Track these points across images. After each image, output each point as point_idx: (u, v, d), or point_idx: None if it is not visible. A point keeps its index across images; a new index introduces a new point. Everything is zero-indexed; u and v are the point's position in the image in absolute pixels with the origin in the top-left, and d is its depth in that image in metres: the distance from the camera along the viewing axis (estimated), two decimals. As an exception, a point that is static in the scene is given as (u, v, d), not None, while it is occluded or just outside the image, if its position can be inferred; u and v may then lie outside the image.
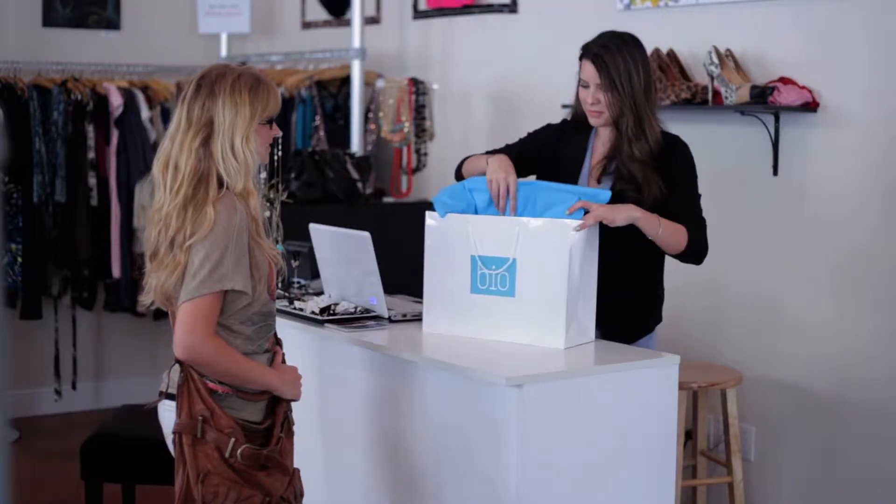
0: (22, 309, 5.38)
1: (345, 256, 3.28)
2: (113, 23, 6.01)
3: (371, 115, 5.41)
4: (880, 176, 3.80)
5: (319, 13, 6.07)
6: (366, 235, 3.14)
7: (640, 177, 3.06)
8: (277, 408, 2.61)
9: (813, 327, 3.99)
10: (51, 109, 5.39)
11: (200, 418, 2.48)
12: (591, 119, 3.15)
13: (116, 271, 5.59)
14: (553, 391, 2.72)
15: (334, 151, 5.08)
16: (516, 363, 2.78)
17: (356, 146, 5.31)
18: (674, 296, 3.31)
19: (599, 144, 3.21)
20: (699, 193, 3.17)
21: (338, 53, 5.50)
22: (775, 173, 4.05)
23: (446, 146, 5.38)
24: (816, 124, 3.94)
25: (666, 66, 4.25)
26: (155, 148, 5.48)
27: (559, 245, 2.90)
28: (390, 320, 3.21)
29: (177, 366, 2.55)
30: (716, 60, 4.04)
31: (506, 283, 2.98)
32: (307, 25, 6.15)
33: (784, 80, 3.95)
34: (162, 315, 5.62)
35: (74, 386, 5.76)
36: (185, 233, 2.48)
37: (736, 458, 3.88)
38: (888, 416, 3.81)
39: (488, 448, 2.73)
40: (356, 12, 5.30)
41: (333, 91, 5.65)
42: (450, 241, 3.05)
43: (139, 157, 5.59)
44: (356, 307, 3.25)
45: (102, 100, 5.58)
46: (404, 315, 3.24)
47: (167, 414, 2.59)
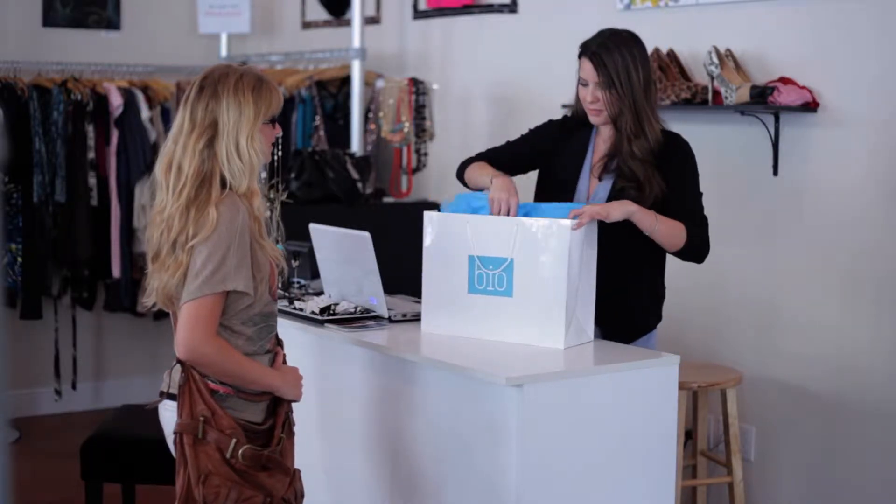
0: (22, 309, 5.38)
1: (345, 256, 3.28)
2: (113, 23, 6.01)
3: (371, 115, 5.41)
4: (881, 176, 3.80)
5: (319, 13, 6.07)
6: (366, 235, 3.14)
7: (641, 175, 3.05)
8: (278, 408, 2.61)
9: (813, 327, 3.99)
10: (51, 109, 5.39)
11: (202, 419, 2.48)
12: (591, 117, 3.15)
13: (116, 271, 5.59)
14: (553, 391, 2.72)
15: (334, 151, 5.08)
16: (516, 363, 2.78)
17: (356, 146, 5.30)
18: (674, 296, 3.31)
19: (601, 142, 3.20)
20: (701, 192, 3.16)
21: (338, 53, 5.50)
22: (775, 173, 4.05)
23: (446, 146, 5.38)
24: (816, 124, 3.94)
25: (666, 66, 4.25)
26: (155, 148, 5.49)
27: (558, 245, 2.89)
28: (390, 320, 3.21)
29: (178, 366, 2.55)
30: (716, 60, 4.04)
31: (503, 284, 2.98)
32: (307, 25, 6.15)
33: (784, 80, 3.95)
34: (162, 315, 5.62)
35: (74, 386, 5.76)
36: (188, 234, 2.48)
37: (736, 458, 3.88)
38: (888, 416, 3.81)
39: (488, 448, 2.73)
40: (356, 12, 5.30)
41: (333, 91, 5.65)
42: (448, 241, 3.05)
43: (139, 157, 5.59)
44: (356, 307, 3.25)
45: (102, 100, 5.58)
46: (404, 315, 3.24)
47: (168, 414, 2.59)
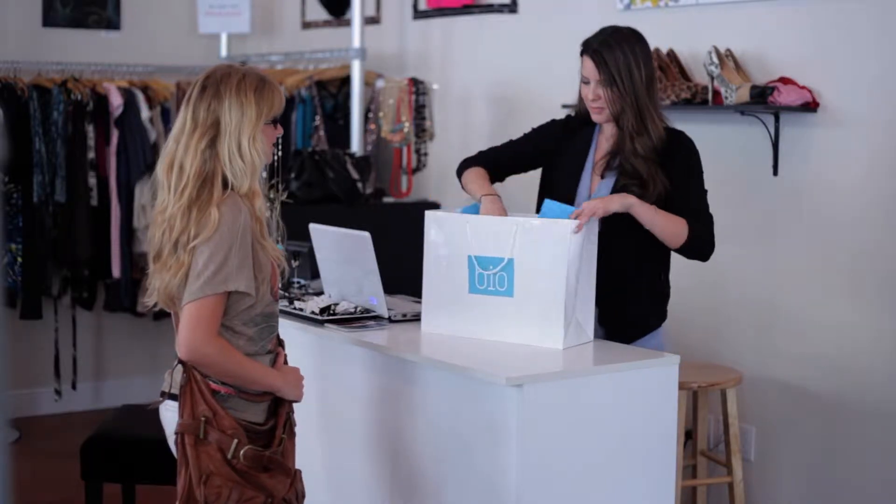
0: (22, 309, 5.38)
1: (345, 256, 3.28)
2: (113, 23, 6.01)
3: (371, 115, 5.41)
4: (881, 176, 3.80)
5: (319, 13, 6.07)
6: (366, 235, 3.13)
7: (644, 172, 3.03)
8: (280, 409, 2.61)
9: (813, 327, 3.99)
10: (51, 109, 5.39)
11: (203, 419, 2.48)
12: (593, 115, 3.13)
13: (116, 271, 5.59)
14: (553, 391, 2.72)
15: (334, 151, 5.08)
16: (516, 363, 2.78)
17: (356, 146, 5.30)
18: (674, 296, 3.30)
19: (603, 140, 3.19)
20: (705, 189, 3.14)
21: (338, 53, 5.50)
22: (775, 173, 4.05)
23: (446, 146, 5.38)
24: (816, 124, 3.94)
25: (666, 66, 4.25)
26: (155, 148, 5.49)
27: (557, 245, 2.89)
28: (390, 320, 3.21)
29: (179, 366, 2.54)
30: (716, 60, 4.04)
31: (504, 284, 2.97)
32: (307, 25, 6.15)
33: (784, 80, 3.95)
34: (162, 315, 5.62)
35: (74, 386, 5.76)
36: (189, 234, 2.48)
37: (736, 458, 3.88)
38: (888, 416, 3.81)
39: (488, 448, 2.73)
40: (356, 12, 5.30)
41: (333, 91, 5.65)
42: (448, 241, 3.05)
43: (139, 157, 5.59)
44: (356, 307, 3.25)
45: (102, 100, 5.58)
46: (404, 315, 3.24)
47: (169, 414, 2.59)
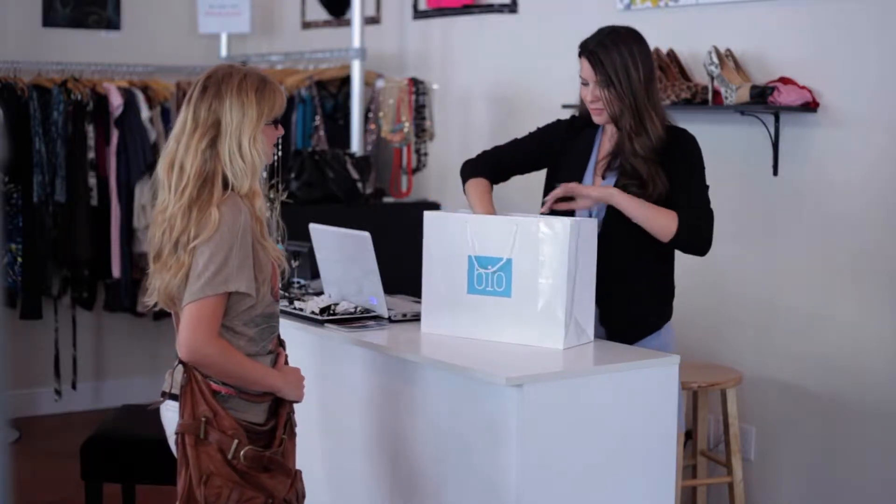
0: (22, 309, 5.38)
1: (345, 256, 3.27)
2: (113, 23, 6.01)
3: (371, 115, 5.41)
4: (881, 175, 3.80)
5: (319, 13, 6.07)
6: (366, 235, 3.13)
7: (644, 172, 3.02)
8: (280, 409, 2.61)
9: (813, 327, 3.99)
10: (51, 109, 5.39)
11: (203, 419, 2.48)
12: (594, 117, 3.13)
13: (116, 271, 5.59)
14: (553, 391, 2.72)
15: (334, 151, 5.08)
16: (516, 363, 2.78)
17: (356, 146, 5.30)
18: (675, 296, 3.30)
19: (606, 141, 3.18)
20: (706, 185, 3.11)
21: (338, 53, 5.50)
22: (775, 173, 4.05)
23: (446, 146, 5.38)
24: (816, 124, 3.94)
25: (666, 66, 4.25)
26: (155, 148, 5.49)
27: (557, 245, 2.88)
28: (390, 320, 3.21)
29: (180, 366, 2.54)
30: (716, 60, 4.04)
31: (502, 284, 2.96)
32: (307, 25, 6.15)
33: (784, 80, 3.95)
34: (162, 315, 5.62)
35: (74, 386, 5.76)
36: (190, 234, 2.48)
37: (736, 458, 3.88)
38: (888, 416, 3.81)
39: (488, 448, 2.73)
40: (356, 12, 5.30)
41: (333, 91, 5.65)
42: (447, 241, 3.04)
43: (139, 157, 5.59)
44: (356, 307, 3.25)
45: (102, 100, 5.58)
46: (404, 315, 3.24)
47: (170, 414, 2.59)
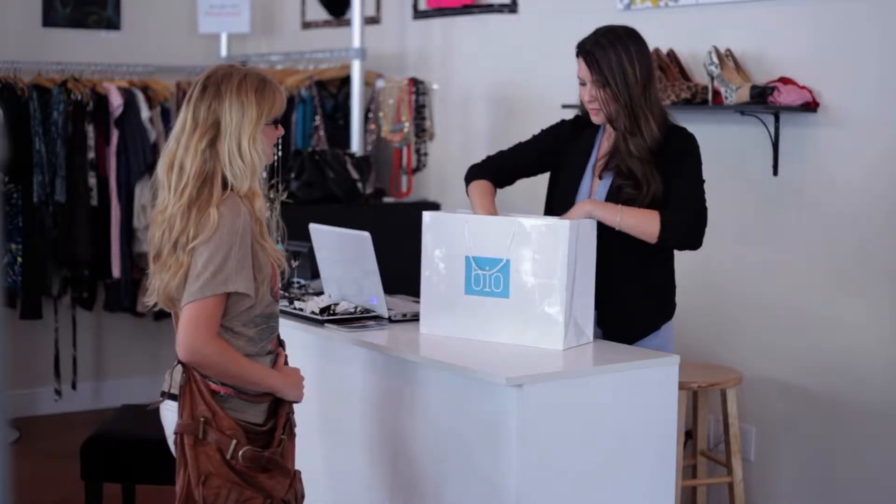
0: (22, 309, 5.38)
1: (345, 256, 3.27)
2: (113, 23, 6.00)
3: (371, 115, 5.41)
4: (881, 175, 3.80)
5: (319, 13, 6.07)
6: (366, 235, 3.13)
7: (639, 173, 3.01)
8: (280, 409, 2.61)
9: (813, 327, 3.99)
10: (51, 109, 5.39)
11: (202, 419, 2.48)
12: (592, 117, 3.12)
13: (116, 271, 5.59)
14: (553, 391, 2.72)
15: (334, 151, 5.08)
16: (516, 363, 2.78)
17: (356, 146, 5.30)
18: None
19: (605, 141, 3.18)
20: (701, 182, 3.08)
21: (338, 53, 5.50)
22: (775, 173, 4.05)
23: (446, 146, 5.38)
24: (816, 124, 3.94)
25: (666, 66, 4.25)
26: (155, 148, 5.49)
27: (556, 246, 2.88)
28: (390, 320, 3.21)
29: (179, 366, 2.54)
30: (716, 60, 4.04)
31: (500, 285, 2.96)
32: (307, 25, 6.15)
33: (784, 80, 3.95)
34: (162, 315, 5.62)
35: (74, 386, 5.76)
36: (189, 235, 2.48)
37: (736, 458, 3.88)
38: (888, 417, 3.81)
39: (488, 448, 2.73)
40: (356, 12, 5.30)
41: (333, 91, 5.65)
42: (446, 241, 3.04)
43: (139, 157, 5.59)
44: (356, 307, 3.25)
45: (102, 100, 5.58)
46: (404, 315, 3.24)
47: (169, 414, 2.58)
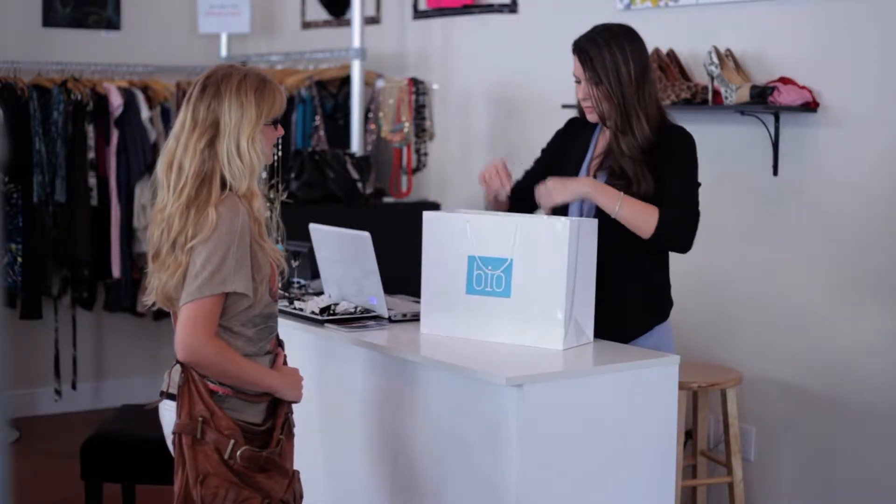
0: (22, 309, 5.38)
1: (345, 256, 3.27)
2: (113, 23, 6.01)
3: (371, 115, 5.41)
4: (881, 175, 3.80)
5: (319, 13, 6.07)
6: (366, 235, 3.13)
7: (631, 172, 2.99)
8: (278, 410, 2.60)
9: (813, 327, 3.99)
10: (51, 109, 5.39)
11: (200, 419, 2.48)
12: (587, 115, 3.11)
13: (116, 271, 5.59)
14: (553, 391, 2.71)
15: (334, 151, 5.08)
16: (516, 363, 2.78)
17: (356, 146, 5.30)
18: (674, 296, 3.30)
19: (601, 139, 3.17)
20: (697, 182, 3.06)
21: (338, 53, 5.50)
22: (775, 173, 4.05)
23: (446, 146, 5.38)
24: (816, 124, 3.94)
25: (666, 66, 4.25)
26: (155, 148, 5.49)
27: (557, 245, 2.87)
28: (390, 320, 3.21)
29: (177, 366, 2.54)
30: (716, 60, 4.04)
31: (501, 284, 2.95)
32: (307, 25, 6.15)
33: (784, 80, 3.95)
34: (162, 315, 5.62)
35: (74, 386, 5.76)
36: (187, 234, 2.48)
37: (736, 458, 3.88)
38: (888, 417, 3.81)
39: (488, 448, 2.73)
40: (356, 12, 5.30)
41: (333, 91, 5.65)
42: (447, 241, 3.03)
43: (139, 157, 5.59)
44: (356, 307, 3.25)
45: (102, 100, 5.58)
46: (404, 315, 3.24)
47: (168, 414, 2.58)
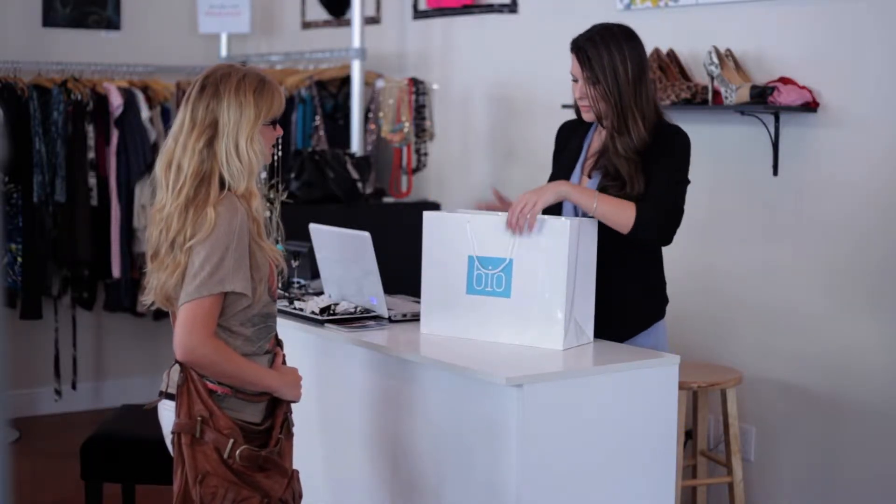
0: (22, 309, 5.38)
1: (345, 256, 3.27)
2: (113, 23, 6.00)
3: (371, 115, 5.41)
4: (881, 175, 3.80)
5: (319, 13, 6.06)
6: (366, 235, 3.13)
7: (625, 173, 2.98)
8: (277, 409, 2.60)
9: (813, 327, 3.99)
10: (51, 109, 5.39)
11: (199, 419, 2.48)
12: (583, 114, 3.11)
13: (116, 271, 5.59)
14: (553, 391, 2.72)
15: (334, 151, 5.08)
16: (516, 363, 2.78)
17: (356, 146, 5.30)
18: (674, 296, 3.30)
19: (596, 139, 3.16)
20: (684, 181, 3.03)
21: (338, 53, 5.50)
22: (775, 173, 4.04)
23: (446, 146, 5.38)
24: (816, 124, 3.94)
25: (666, 66, 4.25)
26: (155, 148, 5.49)
27: (557, 245, 2.87)
28: (390, 320, 3.21)
29: (177, 366, 2.54)
30: (716, 60, 4.04)
31: (501, 284, 2.95)
32: (307, 25, 6.15)
33: (784, 80, 3.95)
34: (162, 315, 5.62)
35: (74, 386, 5.76)
36: (186, 234, 2.48)
37: (736, 458, 3.88)
38: (888, 416, 3.81)
39: (488, 448, 2.73)
40: (356, 12, 5.29)
41: (333, 91, 5.65)
42: (447, 241, 3.03)
43: (139, 157, 5.59)
44: (356, 307, 3.25)
45: (102, 100, 5.58)
46: (404, 315, 3.24)
47: (167, 414, 2.58)
